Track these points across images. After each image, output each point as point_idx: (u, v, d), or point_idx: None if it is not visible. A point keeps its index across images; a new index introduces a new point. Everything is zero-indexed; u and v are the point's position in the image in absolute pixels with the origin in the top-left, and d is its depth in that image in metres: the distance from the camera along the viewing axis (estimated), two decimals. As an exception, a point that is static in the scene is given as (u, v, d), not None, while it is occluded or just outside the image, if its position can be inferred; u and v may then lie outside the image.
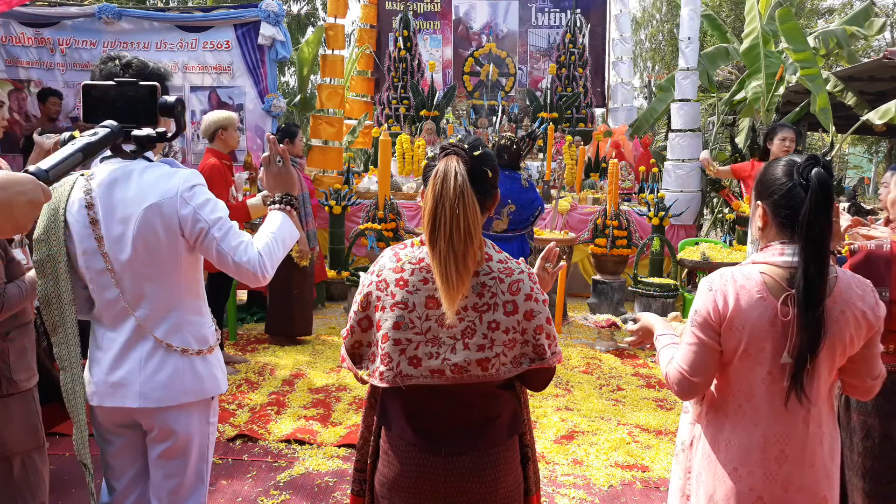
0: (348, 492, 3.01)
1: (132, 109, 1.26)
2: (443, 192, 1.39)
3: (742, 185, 5.96)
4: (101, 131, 1.17)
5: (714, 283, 1.54)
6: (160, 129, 1.28)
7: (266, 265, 1.80)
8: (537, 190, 5.05)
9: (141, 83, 1.25)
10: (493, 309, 1.43)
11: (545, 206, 7.27)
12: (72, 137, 1.16)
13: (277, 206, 1.92)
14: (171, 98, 1.34)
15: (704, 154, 5.88)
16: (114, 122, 1.21)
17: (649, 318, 1.86)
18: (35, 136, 3.49)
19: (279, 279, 4.98)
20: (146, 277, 1.78)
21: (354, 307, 1.56)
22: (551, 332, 1.50)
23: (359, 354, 1.59)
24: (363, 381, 1.59)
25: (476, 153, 1.47)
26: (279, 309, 5.16)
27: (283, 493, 2.98)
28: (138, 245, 1.75)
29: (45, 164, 1.04)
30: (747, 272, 1.53)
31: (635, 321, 1.91)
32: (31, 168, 1.01)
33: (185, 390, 1.83)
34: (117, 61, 1.77)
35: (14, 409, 2.05)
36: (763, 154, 5.86)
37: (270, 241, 1.84)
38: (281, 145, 1.93)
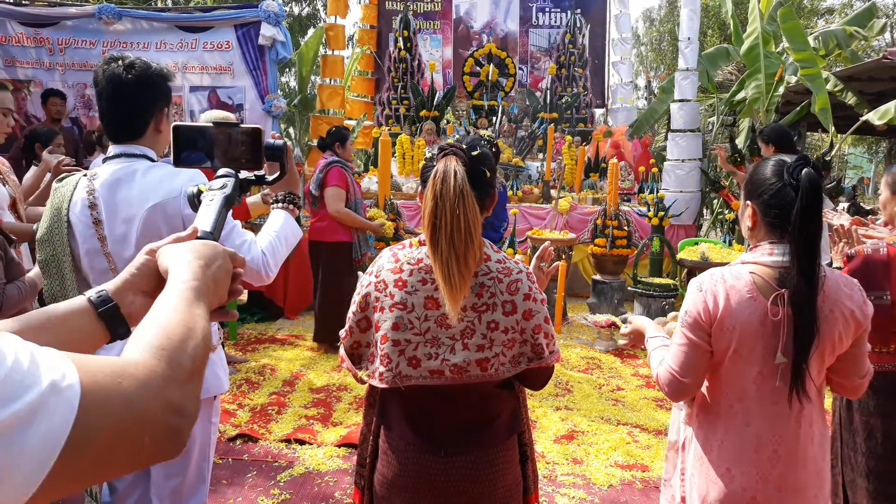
0: (348, 491, 3.02)
1: (232, 152, 1.16)
2: (443, 193, 1.39)
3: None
4: (228, 182, 1.09)
5: (704, 283, 1.55)
6: (259, 173, 1.19)
7: (269, 263, 1.80)
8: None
9: (243, 126, 1.19)
10: (491, 309, 1.43)
11: (545, 208, 7.28)
12: (199, 192, 1.09)
13: (280, 204, 1.91)
14: (278, 142, 1.25)
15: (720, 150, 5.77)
16: (229, 170, 1.12)
17: (640, 321, 1.87)
18: (44, 153, 3.49)
19: (332, 284, 4.87)
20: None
21: (353, 308, 1.56)
22: (549, 332, 1.51)
23: (358, 355, 1.59)
24: (362, 382, 1.59)
25: (474, 153, 1.47)
26: (328, 315, 4.91)
27: (283, 493, 2.99)
28: (142, 245, 1.75)
29: (206, 225, 0.99)
30: (737, 272, 1.53)
31: (628, 323, 1.92)
32: (198, 232, 0.96)
33: None
34: (120, 62, 1.77)
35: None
36: (735, 163, 5.91)
37: (273, 239, 1.84)
38: (292, 147, 1.94)
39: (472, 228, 1.39)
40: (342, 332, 1.61)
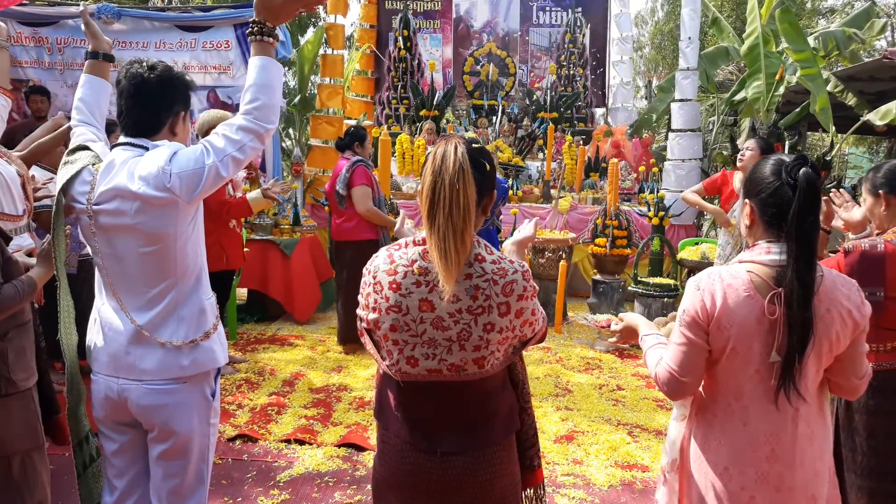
0: (348, 491, 3.01)
1: None
2: (442, 168, 1.39)
3: (720, 199, 5.61)
4: None
5: (701, 282, 1.55)
6: None
7: (258, 119, 1.78)
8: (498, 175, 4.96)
9: None
10: (487, 311, 1.42)
11: (543, 198, 7.28)
12: None
13: (252, 37, 1.79)
14: None
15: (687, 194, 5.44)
16: None
17: (633, 318, 1.87)
18: (59, 114, 3.47)
19: (358, 283, 4.82)
20: (136, 270, 1.80)
21: (358, 308, 1.57)
22: (536, 308, 1.51)
23: (375, 341, 1.60)
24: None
25: (475, 145, 1.48)
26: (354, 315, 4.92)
27: (283, 493, 2.98)
28: (128, 237, 1.77)
29: None
30: (734, 271, 1.53)
31: (619, 321, 1.92)
32: None
33: (178, 366, 1.85)
34: (144, 63, 1.84)
35: (13, 409, 2.05)
36: (733, 163, 5.79)
37: (252, 95, 1.79)
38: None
39: (470, 206, 1.38)
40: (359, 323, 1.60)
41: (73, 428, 1.94)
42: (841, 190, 2.66)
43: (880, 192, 2.30)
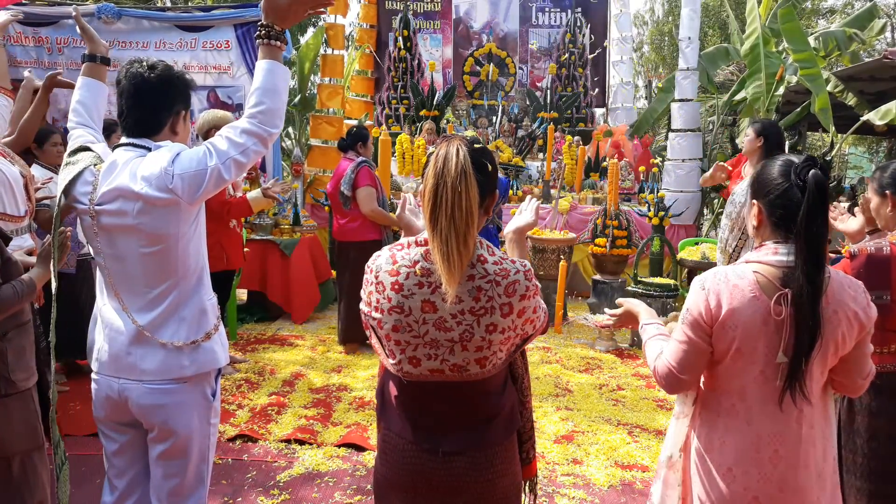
0: (348, 491, 3.01)
1: None
2: (445, 170, 1.38)
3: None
4: None
5: (707, 282, 1.54)
6: None
7: (263, 124, 1.76)
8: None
9: None
10: (490, 312, 1.42)
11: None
12: None
13: (260, 41, 1.76)
14: None
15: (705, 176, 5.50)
16: None
17: (634, 304, 1.87)
18: (26, 74, 3.42)
19: (360, 283, 4.84)
20: (138, 270, 1.80)
21: (362, 304, 1.57)
22: (538, 306, 1.49)
23: (378, 337, 1.60)
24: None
25: (477, 145, 1.47)
26: (357, 315, 4.86)
27: (283, 493, 2.98)
28: (130, 237, 1.78)
29: None
30: (740, 271, 1.53)
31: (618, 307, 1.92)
32: None
33: (178, 366, 1.85)
34: (144, 63, 1.84)
35: (13, 410, 2.05)
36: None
37: (258, 99, 1.77)
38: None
39: (472, 208, 1.37)
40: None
41: (52, 430, 1.95)
42: (835, 204, 2.67)
43: (887, 192, 2.29)
